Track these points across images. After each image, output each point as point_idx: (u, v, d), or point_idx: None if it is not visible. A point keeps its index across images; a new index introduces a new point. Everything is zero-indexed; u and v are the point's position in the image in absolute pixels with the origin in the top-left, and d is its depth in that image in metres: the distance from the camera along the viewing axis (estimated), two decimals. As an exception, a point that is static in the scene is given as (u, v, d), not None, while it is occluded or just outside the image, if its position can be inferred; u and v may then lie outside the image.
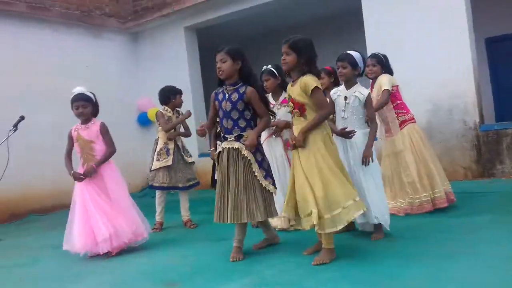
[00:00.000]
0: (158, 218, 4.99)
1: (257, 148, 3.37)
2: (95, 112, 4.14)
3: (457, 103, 5.99)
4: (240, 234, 3.44)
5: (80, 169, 4.07)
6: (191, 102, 8.21)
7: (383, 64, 4.38)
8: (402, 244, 3.31)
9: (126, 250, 3.97)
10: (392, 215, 3.83)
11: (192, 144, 7.02)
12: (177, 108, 5.17)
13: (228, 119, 3.37)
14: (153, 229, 4.70)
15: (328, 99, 3.54)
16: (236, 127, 3.35)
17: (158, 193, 5.02)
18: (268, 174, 3.41)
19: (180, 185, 4.95)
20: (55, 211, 7.31)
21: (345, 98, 3.52)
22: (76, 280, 3.34)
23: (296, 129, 3.15)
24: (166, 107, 5.09)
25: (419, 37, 6.19)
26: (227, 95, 3.38)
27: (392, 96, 4.32)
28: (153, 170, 4.95)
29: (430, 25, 6.12)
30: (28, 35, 7.59)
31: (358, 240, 3.56)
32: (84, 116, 4.06)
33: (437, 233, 3.54)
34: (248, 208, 3.26)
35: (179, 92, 5.17)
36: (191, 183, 5.03)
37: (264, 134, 4.32)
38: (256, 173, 3.30)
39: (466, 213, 4.14)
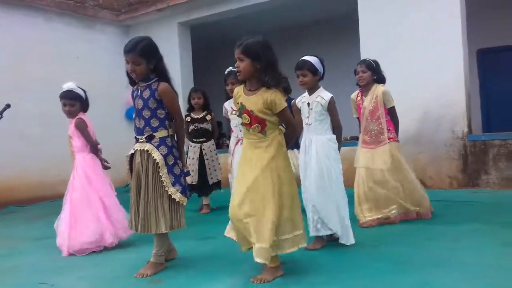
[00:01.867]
0: None
1: (169, 151, 3.05)
2: (84, 107, 4.08)
3: (446, 112, 6.04)
4: (158, 245, 3.13)
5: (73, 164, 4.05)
6: (181, 98, 8.11)
7: (373, 70, 4.25)
8: (392, 250, 3.30)
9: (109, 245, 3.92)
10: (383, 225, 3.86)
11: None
12: None
13: (140, 118, 3.07)
14: None
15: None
16: (147, 127, 3.06)
17: None
18: (178, 181, 3.06)
19: None
20: (37, 202, 7.22)
21: (308, 104, 3.47)
22: (58, 273, 3.27)
23: (251, 145, 2.81)
24: None
25: (413, 45, 6.24)
26: (139, 91, 3.10)
27: (385, 109, 4.25)
28: None
29: (424, 34, 6.17)
30: (20, 22, 7.51)
31: (345, 248, 3.53)
32: (70, 114, 4.01)
33: (425, 240, 3.55)
34: (155, 218, 2.99)
35: None
36: None
37: (231, 143, 4.27)
38: (163, 178, 2.99)
39: (451, 221, 4.18)
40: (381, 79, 4.33)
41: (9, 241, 4.62)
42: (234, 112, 4.09)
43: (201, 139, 5.42)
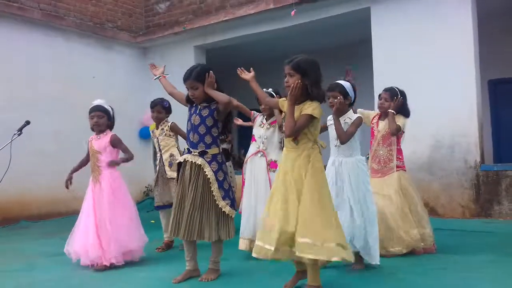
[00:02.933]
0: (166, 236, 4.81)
1: (219, 167, 3.29)
2: (111, 126, 4.20)
3: (459, 141, 6.08)
4: (215, 253, 3.38)
5: (90, 180, 4.12)
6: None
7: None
8: (408, 278, 3.30)
9: (125, 263, 3.94)
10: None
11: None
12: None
13: (195, 133, 3.32)
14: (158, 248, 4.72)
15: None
16: (201, 143, 3.29)
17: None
18: (227, 195, 3.29)
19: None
20: (49, 218, 7.27)
21: None
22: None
23: (286, 155, 2.97)
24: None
25: (426, 74, 6.31)
26: (197, 110, 3.36)
27: (397, 137, 4.20)
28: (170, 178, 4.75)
29: (437, 63, 6.25)
30: (40, 41, 7.68)
31: (361, 272, 3.54)
32: (98, 126, 4.11)
33: (440, 269, 3.54)
34: (200, 227, 3.19)
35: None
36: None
37: (250, 151, 4.35)
38: (214, 193, 3.22)
39: (465, 251, 4.15)
40: (405, 111, 4.25)
41: (24, 256, 4.65)
42: (262, 125, 4.25)
43: None
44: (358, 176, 3.46)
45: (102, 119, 4.10)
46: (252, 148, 4.33)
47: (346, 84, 3.53)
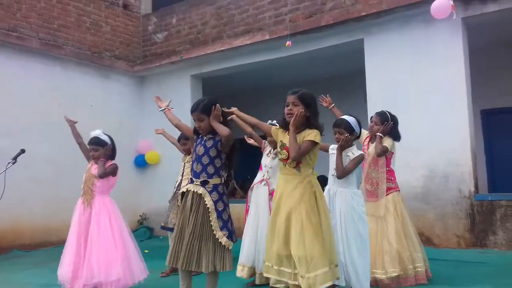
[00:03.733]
0: None
1: (220, 197, 3.32)
2: (111, 154, 4.26)
3: (453, 171, 6.11)
4: (209, 284, 3.36)
5: (79, 201, 4.14)
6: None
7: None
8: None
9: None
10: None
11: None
12: None
13: (198, 163, 3.38)
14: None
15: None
16: (204, 172, 3.34)
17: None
18: (226, 226, 3.29)
19: None
20: (41, 248, 7.18)
21: None
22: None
23: (285, 180, 3.09)
24: None
25: (419, 104, 6.40)
26: (203, 140, 3.43)
27: (386, 159, 4.27)
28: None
29: (430, 93, 6.34)
30: (38, 70, 7.76)
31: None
32: (95, 159, 4.21)
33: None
34: (198, 256, 3.21)
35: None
36: None
37: (256, 179, 4.44)
38: (212, 222, 3.24)
39: (462, 282, 4.14)
40: (394, 135, 4.34)
41: (16, 287, 4.58)
42: (269, 154, 4.38)
43: None
44: (352, 208, 3.48)
45: (97, 152, 4.18)
46: (258, 176, 4.46)
47: (351, 120, 3.67)
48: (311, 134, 3.03)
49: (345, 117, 3.70)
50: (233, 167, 3.50)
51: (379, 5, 6.58)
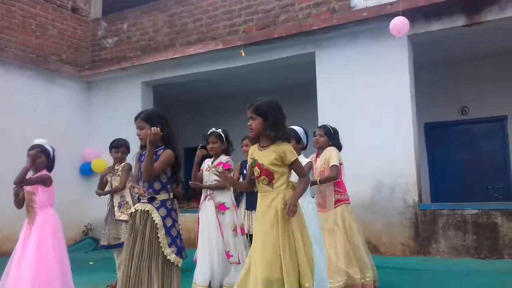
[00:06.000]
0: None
1: (168, 213, 3.19)
2: (49, 166, 4.03)
3: (399, 182, 6.33)
4: None
5: (25, 222, 3.91)
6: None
7: (330, 136, 4.39)
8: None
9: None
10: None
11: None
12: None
13: (144, 181, 3.24)
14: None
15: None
16: (150, 189, 3.21)
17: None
18: (174, 242, 3.16)
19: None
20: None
21: None
22: None
23: (261, 198, 2.95)
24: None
25: (367, 116, 6.61)
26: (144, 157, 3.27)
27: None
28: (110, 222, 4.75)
29: (377, 106, 6.57)
30: (-24, 72, 7.34)
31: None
32: (35, 166, 3.93)
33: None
34: (148, 277, 3.05)
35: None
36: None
37: (202, 197, 4.43)
38: (160, 239, 3.11)
39: (406, 289, 4.27)
40: (337, 146, 4.43)
41: None
42: (208, 169, 4.35)
43: None
44: (308, 218, 3.48)
45: (41, 158, 3.93)
46: (203, 193, 4.43)
47: (298, 129, 3.71)
48: (289, 155, 2.87)
49: (293, 126, 3.73)
50: (179, 181, 3.41)
51: (330, 20, 6.77)
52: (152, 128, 3.06)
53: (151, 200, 3.20)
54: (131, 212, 3.28)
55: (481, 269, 5.15)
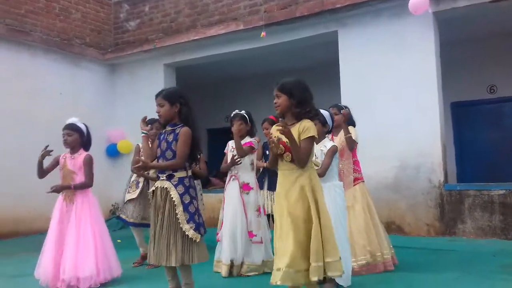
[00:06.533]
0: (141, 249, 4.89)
1: (186, 190, 3.29)
2: (85, 144, 4.12)
3: (423, 161, 6.24)
4: (184, 276, 3.33)
5: (59, 198, 4.03)
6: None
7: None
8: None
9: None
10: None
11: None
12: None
13: (163, 159, 3.34)
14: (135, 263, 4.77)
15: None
16: None
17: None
18: (192, 219, 3.25)
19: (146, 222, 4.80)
20: (9, 238, 6.98)
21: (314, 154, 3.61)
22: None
23: (283, 176, 2.95)
24: None
25: (391, 96, 6.49)
26: (165, 135, 3.39)
27: (352, 150, 4.33)
28: (125, 202, 4.90)
29: (402, 85, 6.44)
30: (4, 57, 7.48)
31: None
32: (68, 144, 4.05)
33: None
34: (167, 251, 3.20)
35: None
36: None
37: (227, 178, 4.52)
38: (178, 215, 3.21)
39: (431, 269, 4.25)
40: (351, 123, 4.43)
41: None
42: (232, 149, 4.41)
43: None
44: (336, 202, 3.49)
45: (71, 137, 4.02)
46: (228, 174, 4.52)
47: (325, 113, 3.70)
48: (306, 131, 2.87)
49: (320, 110, 3.71)
50: (197, 159, 3.47)
51: (353, -3, 6.62)
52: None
53: (169, 177, 3.29)
54: (152, 190, 3.39)
55: (508, 249, 5.06)
